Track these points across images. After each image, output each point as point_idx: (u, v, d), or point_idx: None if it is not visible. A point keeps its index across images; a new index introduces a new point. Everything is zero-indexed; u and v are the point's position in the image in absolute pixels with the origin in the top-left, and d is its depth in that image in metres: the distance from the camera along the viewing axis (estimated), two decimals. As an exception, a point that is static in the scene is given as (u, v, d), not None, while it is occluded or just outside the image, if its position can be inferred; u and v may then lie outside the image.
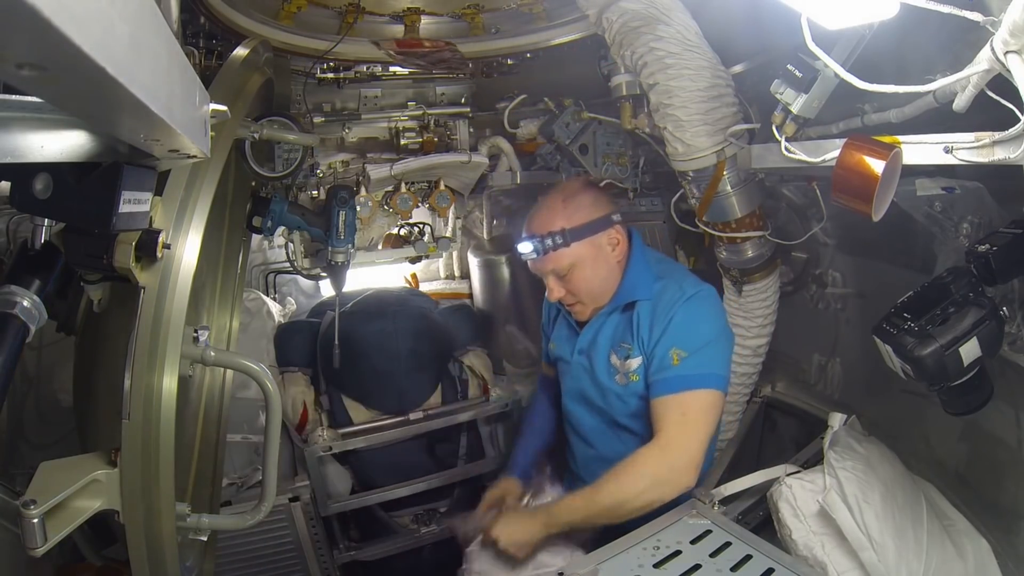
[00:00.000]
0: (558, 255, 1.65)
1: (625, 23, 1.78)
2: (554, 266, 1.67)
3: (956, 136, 1.06)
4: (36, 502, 0.96)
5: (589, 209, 1.66)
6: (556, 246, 1.64)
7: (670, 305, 1.60)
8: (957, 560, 1.41)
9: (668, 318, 1.59)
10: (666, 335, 1.59)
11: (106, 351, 1.28)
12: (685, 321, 1.58)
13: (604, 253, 1.68)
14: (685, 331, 1.58)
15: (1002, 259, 1.13)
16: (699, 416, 1.54)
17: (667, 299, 1.62)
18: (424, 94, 2.39)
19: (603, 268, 1.68)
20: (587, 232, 1.65)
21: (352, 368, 2.32)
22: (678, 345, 1.57)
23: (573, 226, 1.64)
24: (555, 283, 1.70)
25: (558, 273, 1.68)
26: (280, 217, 2.02)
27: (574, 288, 1.69)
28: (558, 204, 1.68)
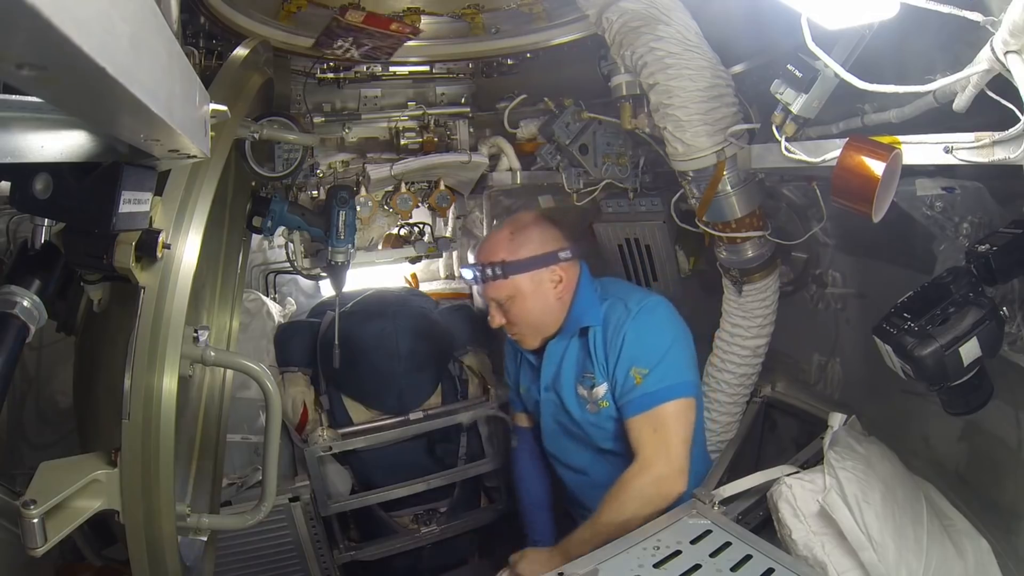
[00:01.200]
0: (497, 285, 1.72)
1: (625, 23, 1.78)
2: (494, 295, 1.74)
3: (956, 136, 1.06)
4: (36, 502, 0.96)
5: (534, 245, 1.72)
6: (495, 277, 1.70)
7: (619, 325, 1.64)
8: (957, 560, 1.41)
9: (620, 339, 1.63)
10: (622, 356, 1.63)
11: (106, 351, 1.28)
12: (636, 338, 1.62)
13: (544, 288, 1.72)
14: (638, 348, 1.62)
15: (1002, 259, 1.12)
16: (672, 427, 1.59)
17: (615, 320, 1.65)
18: (424, 94, 2.39)
19: (541, 302, 1.73)
20: (527, 267, 1.70)
21: (352, 368, 2.32)
22: (636, 364, 1.61)
23: (513, 259, 1.71)
24: (495, 310, 1.78)
25: (498, 302, 1.75)
26: (280, 217, 2.03)
27: (512, 318, 1.76)
28: (504, 236, 1.74)
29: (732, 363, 2.09)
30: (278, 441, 1.41)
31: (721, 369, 2.11)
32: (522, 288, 1.72)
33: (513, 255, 1.72)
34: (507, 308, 1.75)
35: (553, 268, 1.73)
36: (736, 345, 2.06)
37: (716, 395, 2.14)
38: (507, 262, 1.71)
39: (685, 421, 1.62)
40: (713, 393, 2.15)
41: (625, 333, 1.63)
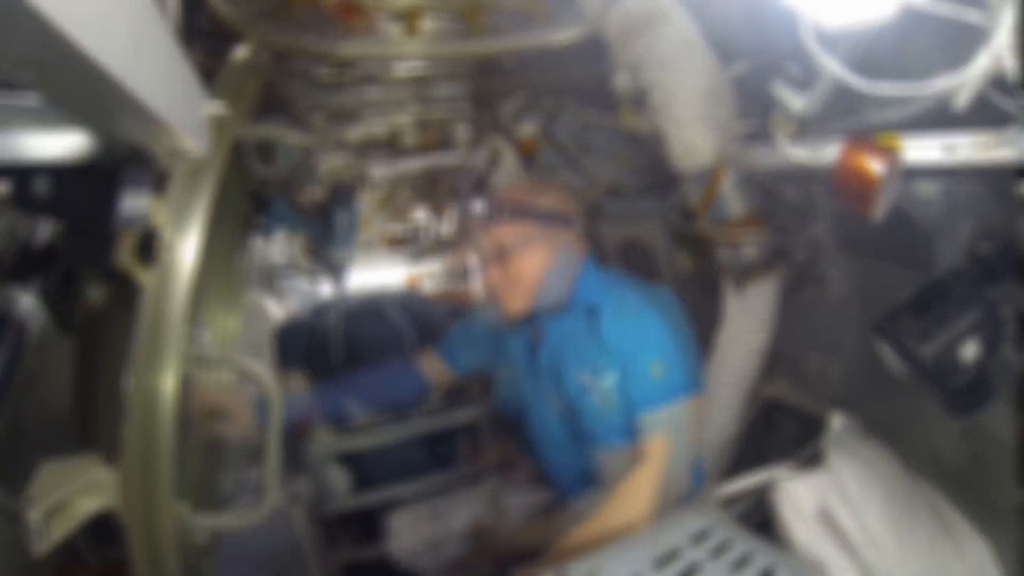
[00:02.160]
0: (509, 229, 1.61)
1: (625, 23, 1.78)
2: (500, 240, 1.62)
3: (956, 136, 1.06)
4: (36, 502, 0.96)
5: (556, 202, 1.66)
6: (511, 218, 1.60)
7: (638, 315, 1.56)
8: (957, 560, 1.41)
9: (640, 329, 1.55)
10: (642, 347, 1.55)
11: (106, 351, 1.28)
12: (657, 331, 1.56)
13: (553, 247, 1.62)
14: (658, 341, 1.55)
15: (1002, 259, 1.13)
16: (685, 425, 1.57)
17: (633, 308, 1.57)
18: (424, 94, 2.39)
19: (546, 260, 1.61)
20: (544, 218, 1.61)
21: (352, 368, 2.32)
22: (655, 356, 1.54)
23: (534, 207, 1.62)
24: (493, 262, 1.64)
25: (501, 250, 1.62)
26: (280, 217, 2.03)
27: (511, 272, 1.62)
28: (526, 187, 1.70)
29: (732, 363, 2.08)
30: (278, 441, 1.41)
31: (720, 370, 2.11)
32: (532, 237, 1.61)
33: (534, 202, 1.63)
34: (507, 260, 1.61)
35: (568, 230, 1.65)
36: (735, 345, 2.06)
37: (715, 395, 2.14)
38: (527, 204, 1.61)
39: (696, 420, 1.60)
40: (712, 393, 2.15)
41: (646, 324, 1.55)
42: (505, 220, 1.61)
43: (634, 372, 1.56)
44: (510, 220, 1.61)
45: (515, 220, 1.61)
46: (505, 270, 1.63)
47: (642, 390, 1.55)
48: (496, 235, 1.63)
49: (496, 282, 1.65)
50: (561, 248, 1.63)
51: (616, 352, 1.59)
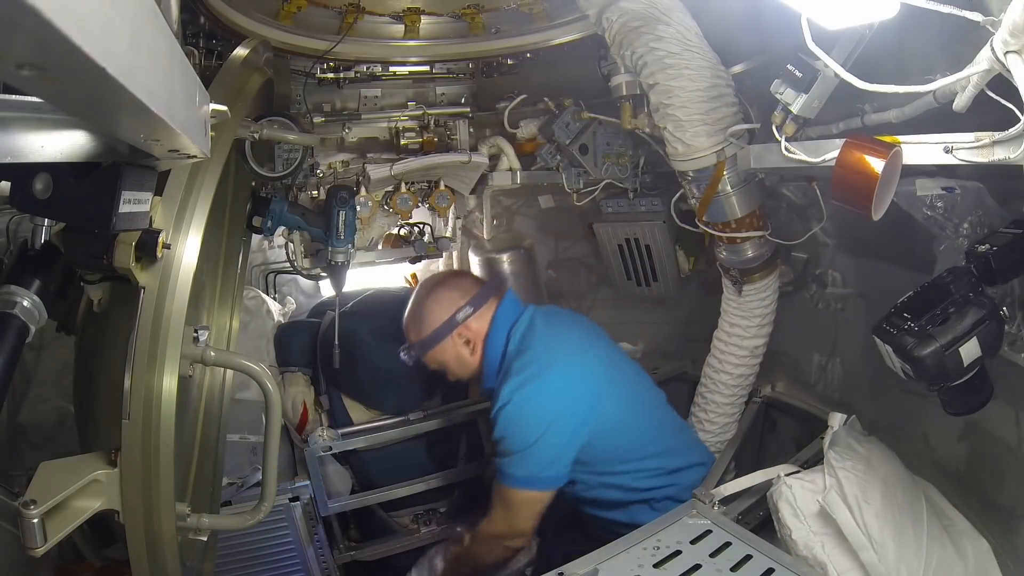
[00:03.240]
0: (426, 360, 1.91)
1: (625, 23, 1.78)
2: (429, 365, 1.94)
3: (956, 136, 1.07)
4: (36, 502, 0.96)
5: (433, 317, 1.87)
6: (419, 355, 1.90)
7: (498, 405, 1.73)
8: (957, 560, 1.41)
9: (496, 416, 1.73)
10: (495, 432, 1.74)
11: (106, 351, 1.28)
12: (507, 424, 1.70)
13: (458, 350, 1.88)
14: (507, 432, 1.71)
15: (1002, 259, 1.13)
16: (519, 510, 1.74)
17: (500, 395, 1.73)
18: (424, 94, 2.39)
19: (461, 362, 1.89)
20: (436, 339, 1.86)
21: (352, 368, 2.32)
22: (502, 443, 1.73)
23: (420, 339, 1.88)
24: (441, 370, 1.95)
25: (436, 366, 1.93)
26: (280, 217, 2.02)
27: (454, 375, 1.94)
28: (409, 319, 1.92)
29: (729, 363, 2.09)
30: (278, 441, 1.41)
31: (719, 370, 2.11)
32: (440, 357, 1.90)
33: (419, 335, 1.89)
34: (443, 368, 1.93)
35: (457, 331, 1.86)
36: (734, 345, 2.06)
37: (714, 396, 2.14)
38: (416, 343, 1.90)
39: (533, 510, 1.75)
40: (710, 394, 2.15)
41: (498, 416, 1.72)
42: (418, 358, 1.91)
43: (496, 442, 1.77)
44: (420, 354, 1.91)
45: (424, 353, 1.90)
46: (448, 372, 1.95)
47: (496, 460, 1.77)
48: (426, 362, 1.94)
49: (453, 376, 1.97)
50: (463, 344, 1.87)
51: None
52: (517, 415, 1.69)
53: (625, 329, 2.87)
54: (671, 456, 1.84)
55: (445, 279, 1.95)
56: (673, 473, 1.82)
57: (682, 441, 1.93)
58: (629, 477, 1.80)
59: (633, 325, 2.87)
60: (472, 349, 1.87)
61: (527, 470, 1.69)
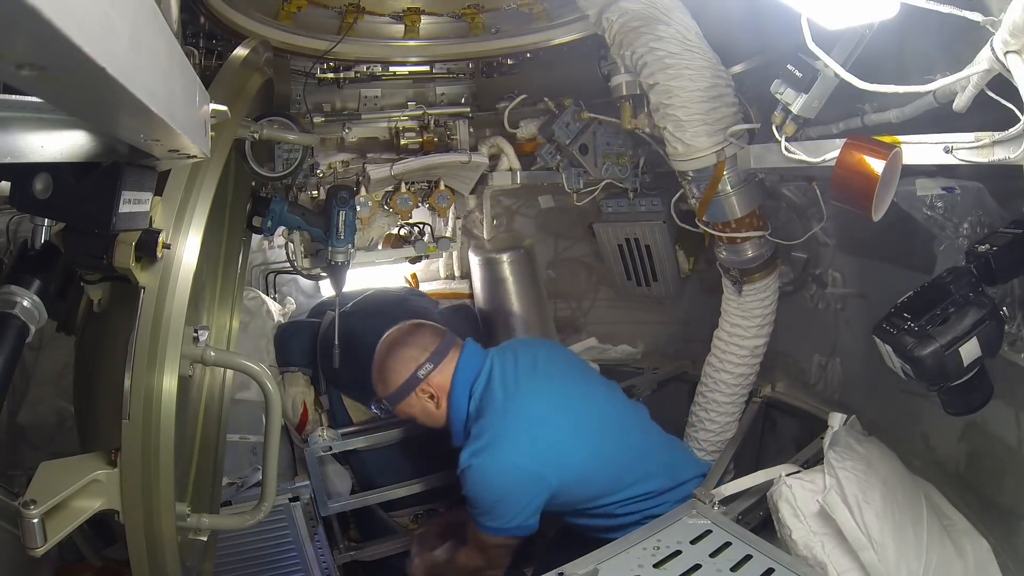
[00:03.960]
0: (397, 412, 1.93)
1: (625, 23, 1.78)
2: (402, 417, 1.96)
3: (956, 136, 1.06)
4: (36, 502, 0.96)
5: (396, 375, 1.87)
6: (388, 409, 1.93)
7: (459, 470, 1.74)
8: (957, 560, 1.41)
9: (459, 476, 1.75)
10: (462, 487, 1.75)
11: (106, 351, 1.27)
12: (468, 488, 1.73)
13: (424, 405, 1.88)
14: (467, 493, 1.73)
15: (1002, 259, 1.13)
16: (492, 552, 1.79)
17: (460, 461, 1.74)
18: (424, 94, 2.39)
19: (430, 415, 1.90)
20: (401, 395, 1.87)
21: (352, 368, 2.32)
22: (467, 501, 1.76)
23: (388, 394, 1.89)
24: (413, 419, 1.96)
25: (406, 417, 1.95)
26: (280, 217, 2.02)
27: (429, 426, 1.94)
28: (376, 375, 1.92)
29: (730, 363, 2.08)
30: (278, 441, 1.41)
31: (719, 369, 2.11)
32: (409, 411, 1.91)
33: (386, 390, 1.90)
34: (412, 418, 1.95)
35: (421, 386, 1.86)
36: (735, 345, 2.06)
37: (714, 395, 2.14)
38: (384, 398, 1.92)
39: (506, 551, 1.80)
40: (711, 393, 2.15)
41: (460, 477, 1.74)
42: (392, 407, 1.93)
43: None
44: (389, 411, 1.95)
45: (393, 406, 1.92)
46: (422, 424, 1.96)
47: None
48: (397, 414, 1.96)
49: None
50: (428, 399, 1.87)
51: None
52: (475, 480, 1.70)
53: (625, 329, 2.87)
54: (656, 479, 1.82)
55: (403, 336, 1.93)
56: (660, 495, 1.81)
57: (668, 459, 1.90)
58: (613, 507, 1.80)
59: (633, 325, 2.87)
60: (437, 403, 1.87)
61: (495, 523, 1.72)
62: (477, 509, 1.74)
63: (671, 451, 1.95)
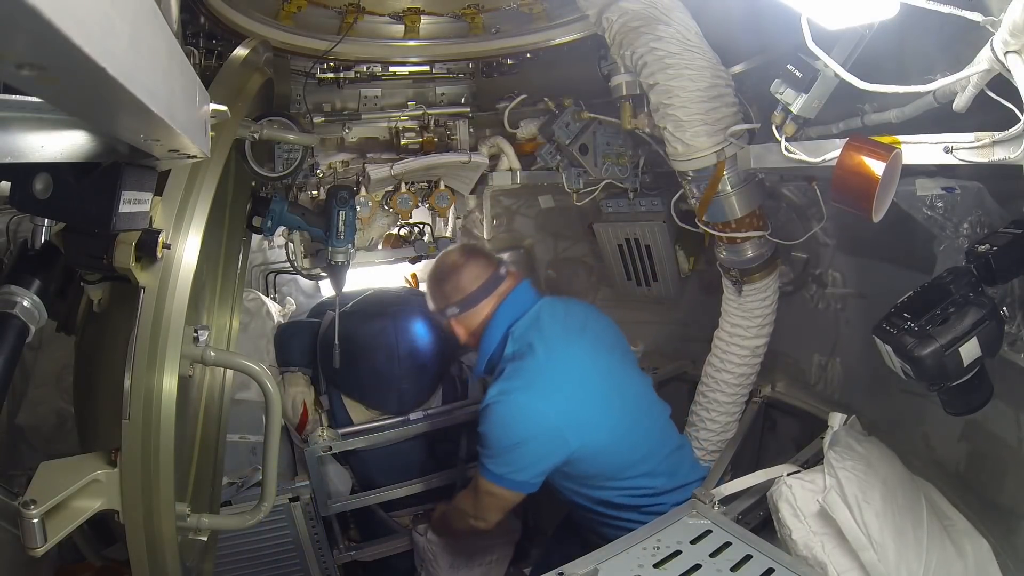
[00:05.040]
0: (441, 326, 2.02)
1: (625, 23, 1.78)
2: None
3: (956, 136, 1.06)
4: (36, 502, 0.96)
5: (432, 303, 1.97)
6: (438, 321, 2.01)
7: (484, 404, 1.75)
8: (957, 560, 1.41)
9: (481, 412, 1.75)
10: (479, 425, 1.75)
11: (106, 351, 1.27)
12: (485, 425, 1.72)
13: (458, 329, 1.93)
14: (485, 432, 1.73)
15: (1002, 259, 1.13)
16: (486, 501, 1.80)
17: (486, 396, 1.75)
18: (424, 94, 2.39)
19: (465, 337, 1.93)
20: (439, 318, 1.97)
21: (352, 368, 2.32)
22: (480, 439, 1.75)
23: (432, 311, 1.98)
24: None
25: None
26: (280, 217, 2.02)
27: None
28: (426, 291, 2.00)
29: (731, 363, 2.08)
30: (278, 441, 1.41)
31: (720, 369, 2.11)
32: (448, 329, 1.97)
33: (431, 307, 1.98)
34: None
35: (447, 321, 1.93)
36: (735, 345, 2.06)
37: (715, 395, 2.14)
38: (431, 312, 2.00)
39: (498, 505, 1.80)
40: (712, 393, 2.15)
41: (483, 413, 1.73)
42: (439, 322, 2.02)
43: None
44: (438, 321, 2.01)
45: (439, 322, 2.01)
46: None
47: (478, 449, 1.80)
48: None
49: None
50: (457, 331, 1.93)
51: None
52: (497, 418, 1.68)
53: (625, 329, 2.84)
54: (660, 477, 1.82)
55: (447, 269, 1.94)
56: (660, 494, 1.81)
57: (677, 461, 1.89)
58: (614, 494, 1.80)
59: (633, 325, 2.86)
60: (462, 336, 1.91)
61: (500, 469, 1.71)
62: (488, 450, 1.71)
63: (681, 454, 1.95)
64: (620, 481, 1.79)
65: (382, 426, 2.39)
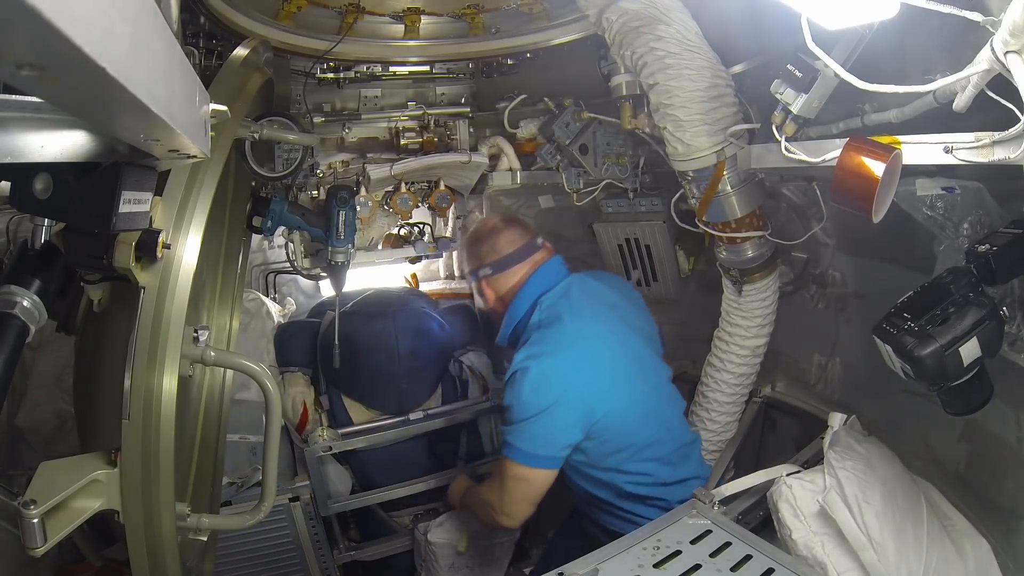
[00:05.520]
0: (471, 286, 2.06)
1: (625, 23, 1.78)
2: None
3: (956, 136, 1.06)
4: (36, 502, 0.96)
5: (467, 263, 2.00)
6: (471, 281, 2.03)
7: (509, 373, 1.74)
8: (957, 560, 1.41)
9: (506, 382, 1.75)
10: (504, 397, 1.75)
11: (106, 351, 1.27)
12: (510, 393, 1.71)
13: (486, 293, 1.95)
14: (510, 401, 1.71)
15: (1002, 259, 1.12)
16: (509, 485, 1.75)
17: (512, 364, 1.74)
18: (424, 94, 2.39)
19: (492, 303, 1.95)
20: (470, 279, 2.01)
21: (352, 368, 2.32)
22: (506, 412, 1.74)
23: (466, 272, 2.01)
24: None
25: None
26: (280, 217, 2.02)
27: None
28: (462, 250, 2.10)
29: (731, 363, 2.09)
30: (278, 441, 1.41)
31: (720, 369, 2.11)
32: (475, 292, 2.02)
33: (465, 269, 2.03)
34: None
35: (479, 282, 1.95)
36: (735, 345, 2.06)
37: (715, 395, 2.14)
38: (465, 273, 2.06)
39: (523, 491, 1.74)
40: (712, 393, 2.15)
41: (509, 382, 1.72)
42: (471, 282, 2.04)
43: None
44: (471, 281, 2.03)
45: (471, 281, 2.03)
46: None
47: (503, 429, 1.79)
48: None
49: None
50: (485, 294, 1.95)
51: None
52: (526, 383, 1.66)
53: (625, 329, 2.87)
54: (668, 467, 1.82)
55: (478, 233, 1.99)
56: (664, 485, 1.81)
57: (685, 455, 1.89)
58: (623, 478, 1.79)
59: (633, 325, 2.86)
60: (490, 298, 1.93)
61: (525, 443, 1.69)
62: (514, 422, 1.69)
63: (691, 449, 1.95)
64: (631, 464, 1.78)
65: (382, 426, 2.39)
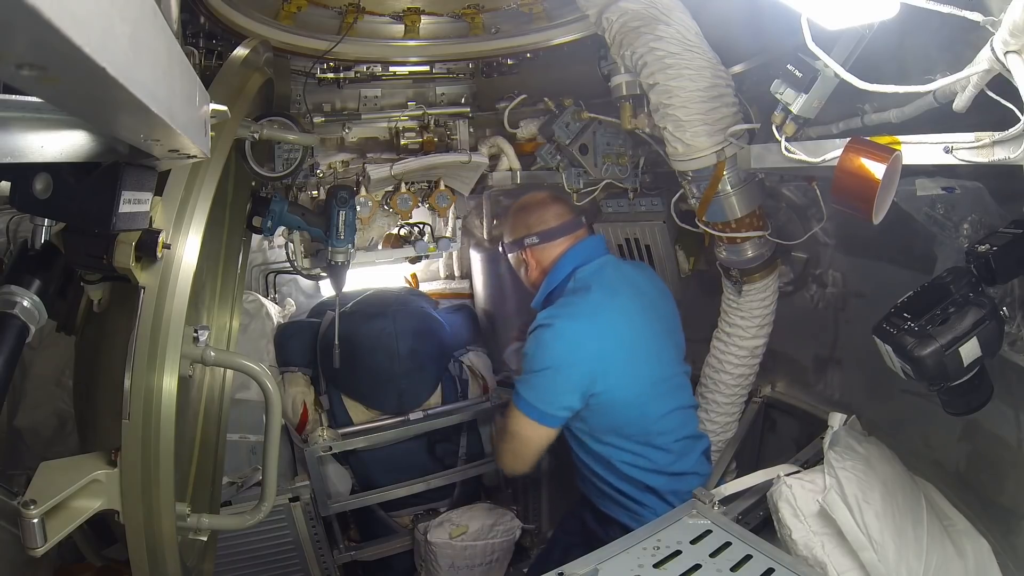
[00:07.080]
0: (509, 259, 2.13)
1: (625, 23, 1.78)
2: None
3: (956, 136, 1.06)
4: (36, 502, 0.96)
5: (512, 231, 2.06)
6: (504, 252, 2.13)
7: (532, 326, 1.84)
8: (957, 560, 1.41)
9: (529, 334, 1.84)
10: (526, 347, 1.85)
11: (106, 351, 1.28)
12: (530, 344, 1.82)
13: (522, 266, 2.05)
14: (528, 351, 1.82)
15: (1002, 259, 1.12)
16: (513, 429, 1.83)
17: (536, 319, 1.85)
18: (424, 94, 2.39)
19: (523, 275, 2.07)
20: (511, 249, 2.08)
21: (352, 368, 2.32)
22: (523, 361, 1.85)
23: (506, 242, 2.10)
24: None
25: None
26: (280, 217, 2.02)
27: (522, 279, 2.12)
28: (504, 222, 2.13)
29: (730, 363, 2.08)
30: (278, 441, 1.41)
31: (719, 370, 2.11)
32: (512, 263, 2.10)
33: (506, 238, 2.09)
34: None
35: (521, 252, 2.02)
36: (734, 345, 2.06)
37: (714, 396, 2.14)
38: (504, 244, 2.11)
39: (524, 436, 1.82)
40: (710, 394, 2.15)
41: (530, 334, 1.83)
42: (505, 254, 2.15)
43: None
44: (505, 254, 2.14)
45: (506, 254, 2.14)
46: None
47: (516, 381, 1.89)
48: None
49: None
50: (524, 265, 2.04)
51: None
52: (543, 337, 1.77)
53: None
54: (668, 455, 1.84)
55: (524, 205, 2.07)
56: (665, 475, 1.83)
57: (687, 448, 1.91)
58: (620, 454, 1.83)
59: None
60: (531, 269, 2.01)
61: (527, 393, 1.78)
62: (527, 371, 1.80)
63: (695, 444, 1.96)
64: (629, 443, 1.84)
65: (382, 426, 2.39)
